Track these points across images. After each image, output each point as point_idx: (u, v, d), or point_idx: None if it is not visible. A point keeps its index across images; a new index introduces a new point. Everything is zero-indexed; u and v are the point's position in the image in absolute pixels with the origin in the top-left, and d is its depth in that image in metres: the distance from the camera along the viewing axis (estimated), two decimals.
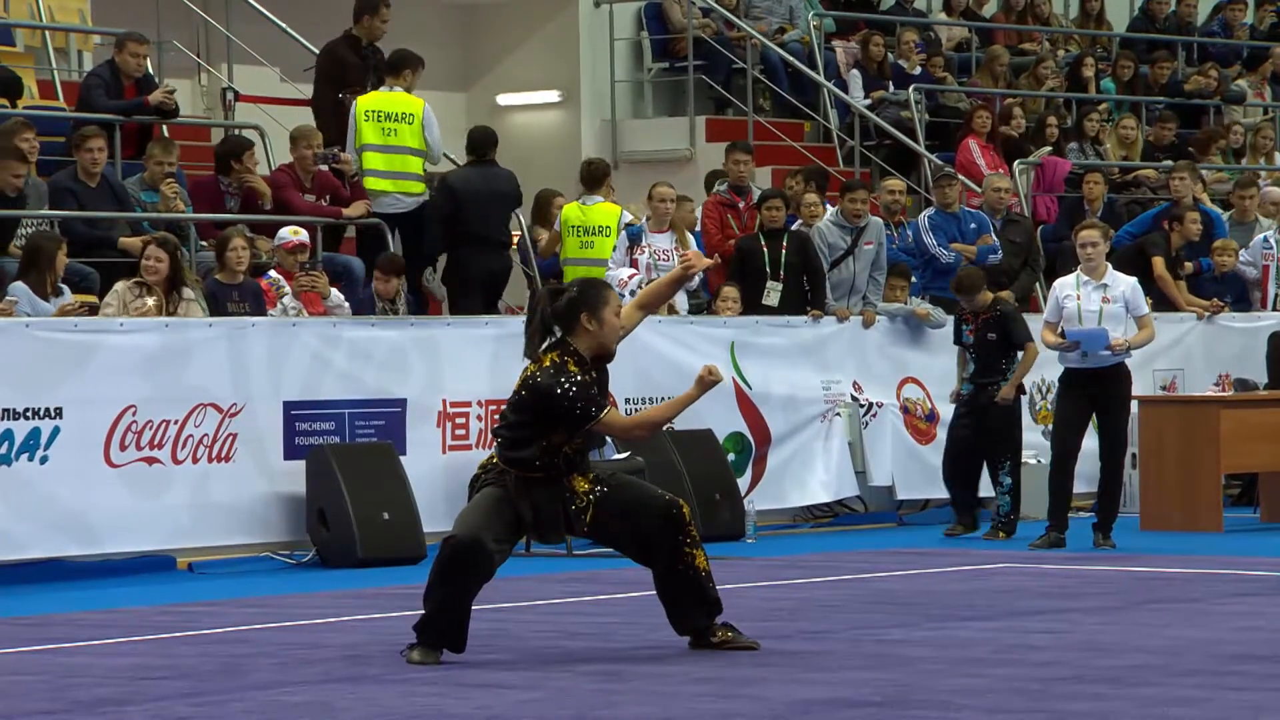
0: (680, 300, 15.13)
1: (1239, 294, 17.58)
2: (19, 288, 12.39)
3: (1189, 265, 17.30)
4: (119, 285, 12.62)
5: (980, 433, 13.90)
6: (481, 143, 14.78)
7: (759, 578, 11.51)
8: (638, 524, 8.27)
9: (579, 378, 8.17)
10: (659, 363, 14.38)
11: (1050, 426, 14.42)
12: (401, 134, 14.53)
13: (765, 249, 15.11)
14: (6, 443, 11.71)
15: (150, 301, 12.43)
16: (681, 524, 8.27)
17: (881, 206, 16.35)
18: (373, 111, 14.60)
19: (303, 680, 7.86)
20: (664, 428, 8.41)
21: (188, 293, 12.64)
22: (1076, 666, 8.03)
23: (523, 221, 15.39)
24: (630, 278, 14.81)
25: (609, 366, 8.45)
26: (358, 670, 8.09)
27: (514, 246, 15.33)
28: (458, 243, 14.67)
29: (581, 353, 8.24)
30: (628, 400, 14.21)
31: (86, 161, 13.40)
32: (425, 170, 14.73)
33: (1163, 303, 16.66)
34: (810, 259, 15.19)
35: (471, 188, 14.64)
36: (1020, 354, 13.83)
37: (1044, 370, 15.49)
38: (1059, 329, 13.19)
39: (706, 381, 8.30)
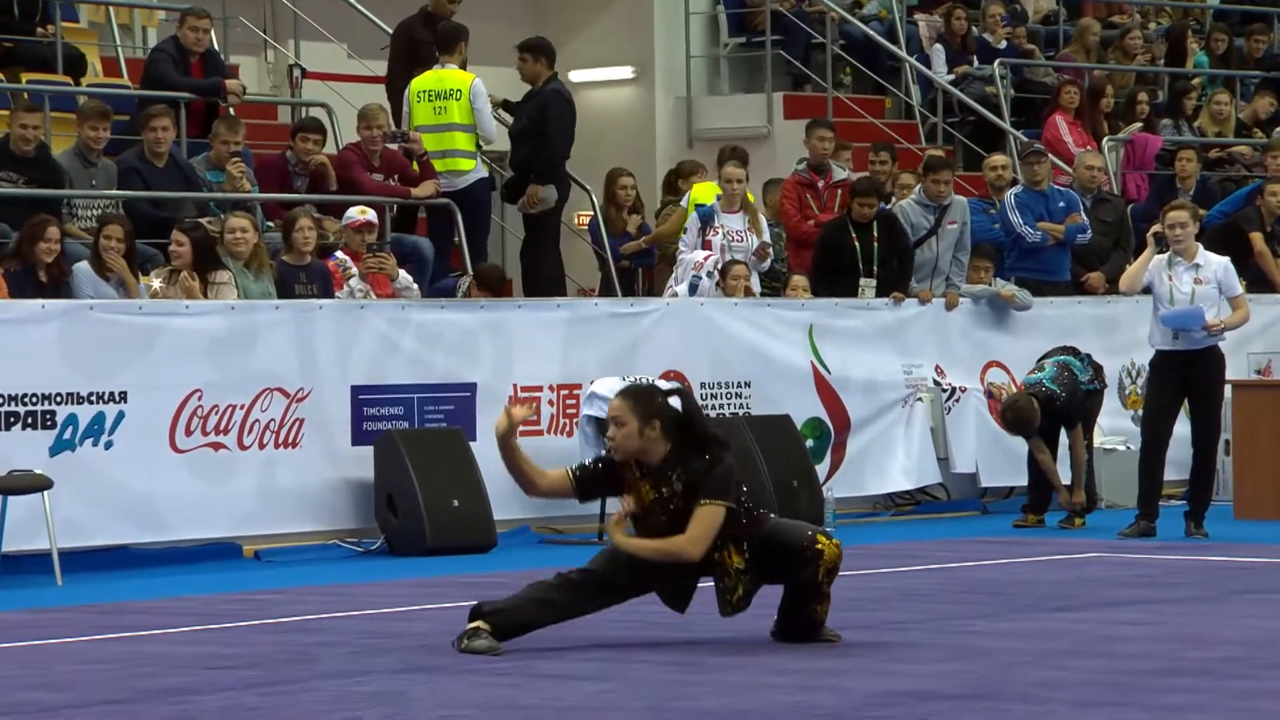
0: (755, 282, 15.14)
1: None
2: (82, 269, 12.54)
3: None
4: (153, 273, 12.72)
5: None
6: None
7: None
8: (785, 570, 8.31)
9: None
10: (734, 346, 14.42)
11: (1140, 411, 14.39)
12: (450, 111, 14.62)
13: (856, 243, 15.07)
14: (71, 428, 11.86)
15: (156, 284, 12.50)
16: (815, 572, 8.23)
17: (987, 183, 16.34)
18: (424, 92, 14.70)
19: (373, 670, 7.94)
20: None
21: (222, 275, 12.73)
22: (1166, 659, 8.03)
23: (595, 200, 15.45)
24: (705, 259, 14.85)
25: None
26: (428, 660, 8.17)
27: (584, 226, 15.40)
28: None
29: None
30: (702, 385, 14.26)
31: (152, 141, 13.54)
32: (479, 147, 14.77)
33: (1257, 283, 16.57)
34: (898, 239, 15.16)
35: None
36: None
37: (1134, 354, 15.46)
38: (1152, 313, 13.13)
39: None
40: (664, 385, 8.56)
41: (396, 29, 15.46)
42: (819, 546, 8.33)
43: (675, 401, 8.19)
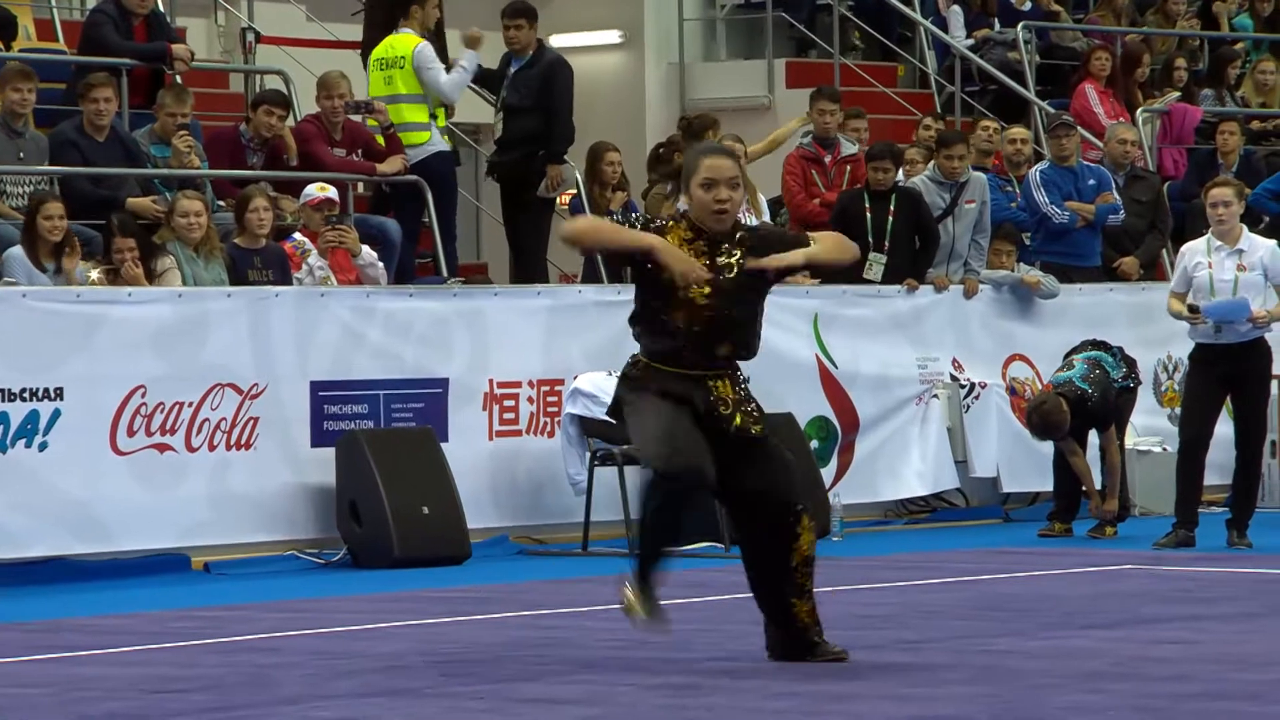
0: None
1: None
2: (14, 253, 12.52)
3: None
4: (90, 265, 12.68)
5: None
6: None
7: (847, 580, 11.54)
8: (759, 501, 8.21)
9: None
10: None
11: (1178, 410, 14.42)
12: (395, 80, 14.63)
13: (869, 214, 15.09)
14: (1, 427, 11.86)
15: (94, 275, 12.49)
16: (789, 553, 8.20)
17: (1004, 158, 16.33)
18: (378, 60, 14.71)
19: (336, 694, 7.94)
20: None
21: (164, 261, 12.72)
22: (1209, 681, 8.05)
23: (579, 177, 15.46)
24: None
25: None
26: (397, 682, 8.17)
27: (565, 204, 15.40)
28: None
29: (694, 223, 8.11)
30: None
31: (93, 113, 13.53)
32: (435, 114, 14.72)
33: None
34: (924, 219, 15.16)
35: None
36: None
37: (1171, 346, 15.49)
38: (1189, 302, 13.15)
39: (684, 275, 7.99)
40: None
41: None
42: (800, 530, 8.26)
43: None
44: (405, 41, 14.65)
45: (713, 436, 8.21)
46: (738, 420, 8.28)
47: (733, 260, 8.14)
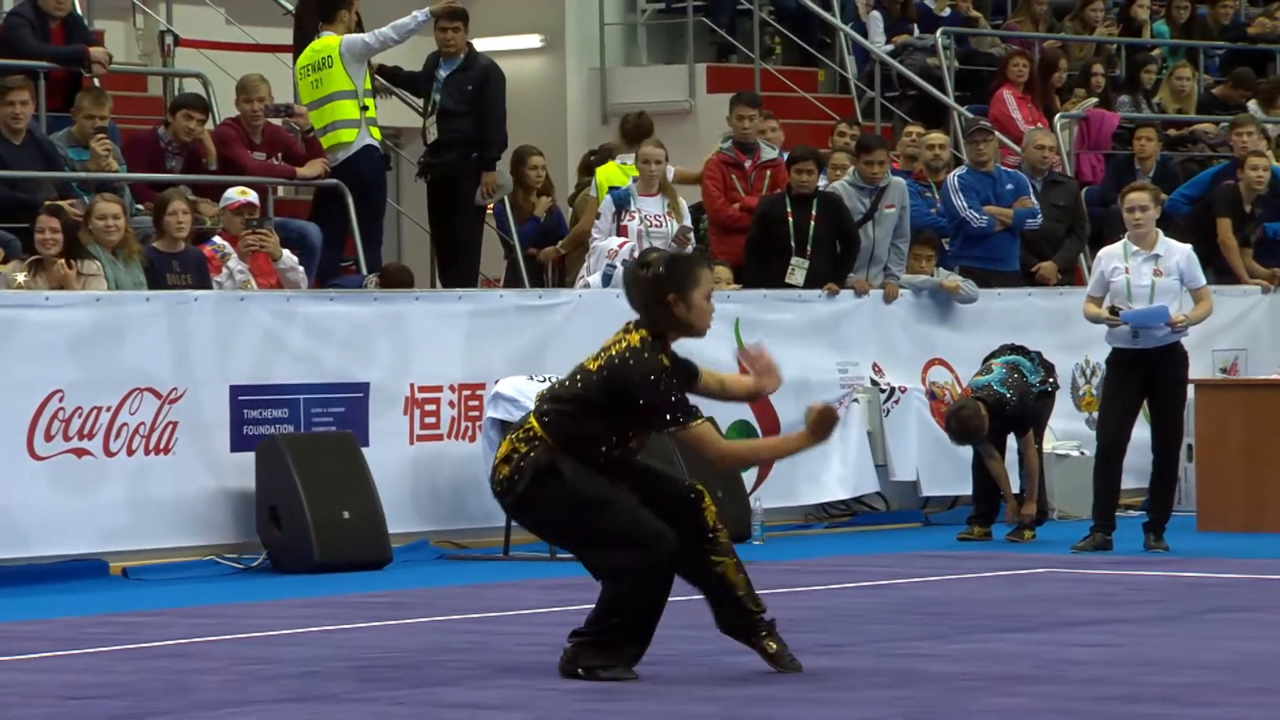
0: None
1: None
2: None
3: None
4: (10, 265, 12.59)
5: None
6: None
7: (768, 584, 11.46)
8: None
9: (672, 375, 8.07)
10: None
11: (1096, 414, 14.46)
12: (324, 82, 14.54)
13: (791, 218, 15.08)
14: None
15: (21, 278, 12.40)
16: (702, 517, 8.18)
17: (923, 163, 16.36)
18: (304, 67, 14.62)
19: (256, 699, 7.88)
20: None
21: (89, 265, 12.62)
22: (1127, 684, 8.06)
23: (502, 176, 15.39)
24: (621, 246, 14.83)
25: None
26: (317, 688, 8.12)
27: (489, 209, 15.35)
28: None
29: (669, 343, 8.16)
30: None
31: (9, 116, 13.41)
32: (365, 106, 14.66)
33: (1223, 274, 16.68)
34: (845, 224, 15.17)
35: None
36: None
37: (1089, 351, 15.54)
38: (1106, 305, 13.20)
39: (823, 422, 8.04)
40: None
41: (299, 5, 15.34)
42: (705, 504, 8.21)
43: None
44: (329, 42, 14.59)
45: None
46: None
47: None
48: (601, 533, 8.07)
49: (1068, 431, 15.61)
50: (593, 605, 10.76)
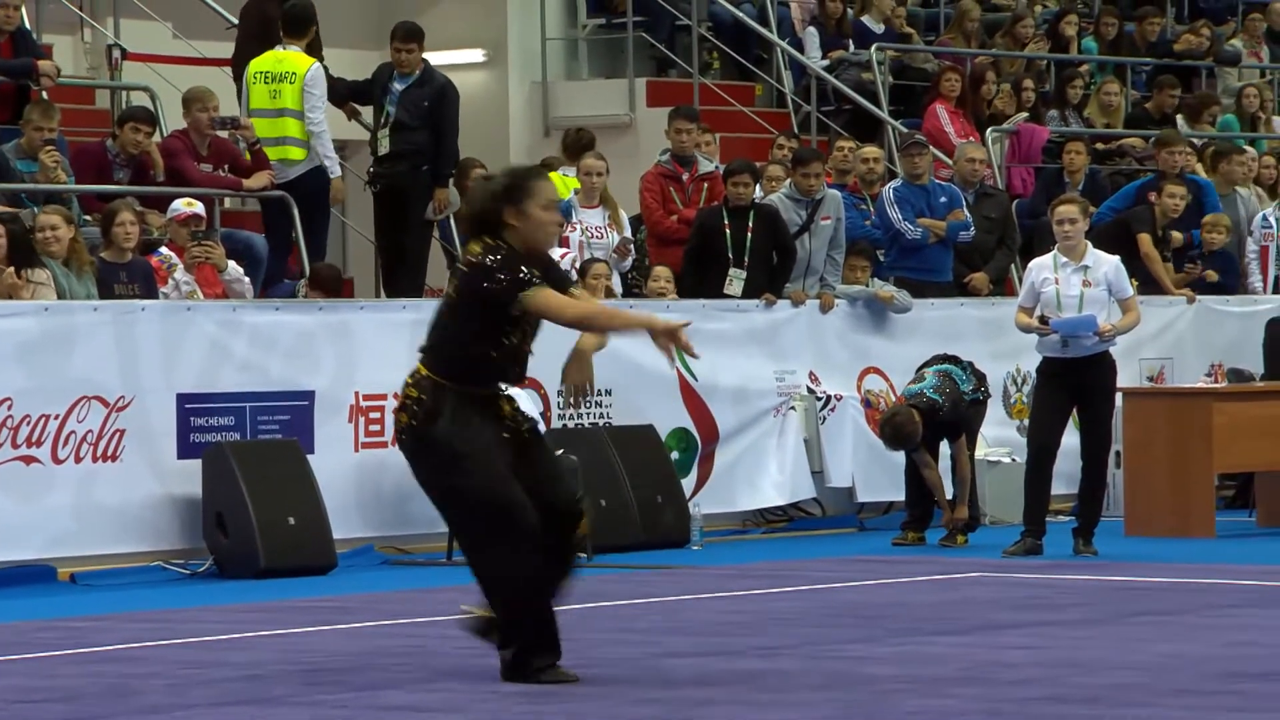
0: (616, 282, 15.13)
1: (1230, 274, 17.66)
2: None
3: (1178, 236, 17.35)
4: None
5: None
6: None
7: (706, 588, 11.54)
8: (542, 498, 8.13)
9: (509, 257, 7.97)
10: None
11: (1027, 421, 14.50)
12: (284, 95, 14.51)
13: (728, 229, 15.09)
14: None
15: None
16: (573, 540, 8.15)
17: (857, 176, 16.39)
18: (261, 73, 14.58)
19: (199, 703, 7.84)
20: (603, 342, 8.19)
21: (39, 274, 12.55)
22: (1054, 685, 8.08)
23: (453, 193, 15.38)
24: (563, 256, 14.81)
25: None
26: (260, 691, 8.08)
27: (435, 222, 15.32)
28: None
29: (515, 247, 8.06)
30: (560, 394, 14.20)
31: None
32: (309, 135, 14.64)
33: (1149, 284, 16.75)
34: (781, 236, 15.17)
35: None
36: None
37: (1020, 359, 15.58)
38: (1036, 315, 13.24)
39: (668, 339, 8.13)
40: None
41: (245, 7, 15.31)
42: (583, 513, 8.21)
43: None
44: (298, 60, 14.54)
45: (509, 442, 8.16)
46: (521, 413, 8.28)
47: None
48: (464, 497, 8.04)
49: (999, 438, 15.65)
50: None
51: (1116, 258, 13.54)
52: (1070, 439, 13.51)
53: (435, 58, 18.66)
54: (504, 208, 8.07)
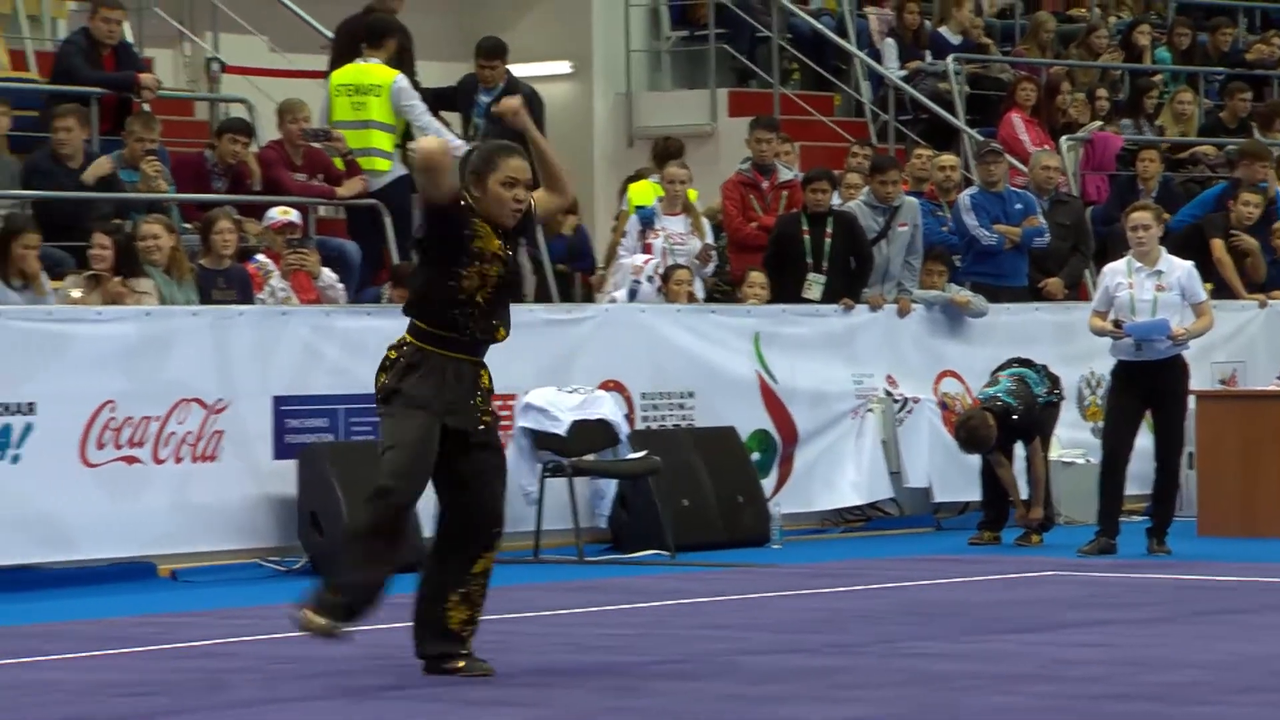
0: (698, 287, 15.10)
1: None
2: None
3: (1250, 241, 17.17)
4: (66, 280, 12.61)
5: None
6: None
7: (784, 586, 11.50)
8: (473, 498, 8.10)
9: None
10: (677, 356, 14.36)
11: (1100, 424, 14.40)
12: (369, 107, 14.53)
13: (807, 236, 15.05)
14: None
15: (76, 294, 12.41)
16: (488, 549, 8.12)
17: (934, 184, 16.33)
18: (344, 85, 14.61)
19: (290, 697, 7.86)
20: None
21: (142, 283, 12.62)
22: (1125, 683, 8.01)
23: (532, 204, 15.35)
24: (645, 263, 14.81)
25: None
26: (349, 685, 8.08)
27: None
28: None
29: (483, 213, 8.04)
30: (644, 396, 14.21)
31: (56, 142, 13.42)
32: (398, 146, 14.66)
33: (1222, 288, 16.61)
34: (859, 242, 15.13)
35: None
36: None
37: (1094, 363, 15.47)
38: (1110, 319, 13.15)
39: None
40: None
41: (339, 27, 15.36)
42: (493, 546, 8.15)
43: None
44: (380, 72, 14.56)
45: (456, 437, 8.08)
46: (486, 421, 8.15)
47: (516, 253, 8.14)
48: (391, 438, 8.10)
49: (1073, 440, 15.54)
50: (621, 607, 10.75)
51: (1190, 263, 13.44)
52: (1144, 441, 13.41)
53: (523, 69, 18.72)
54: (470, 179, 8.09)
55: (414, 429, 8.03)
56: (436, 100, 15.36)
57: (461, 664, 8.09)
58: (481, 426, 8.13)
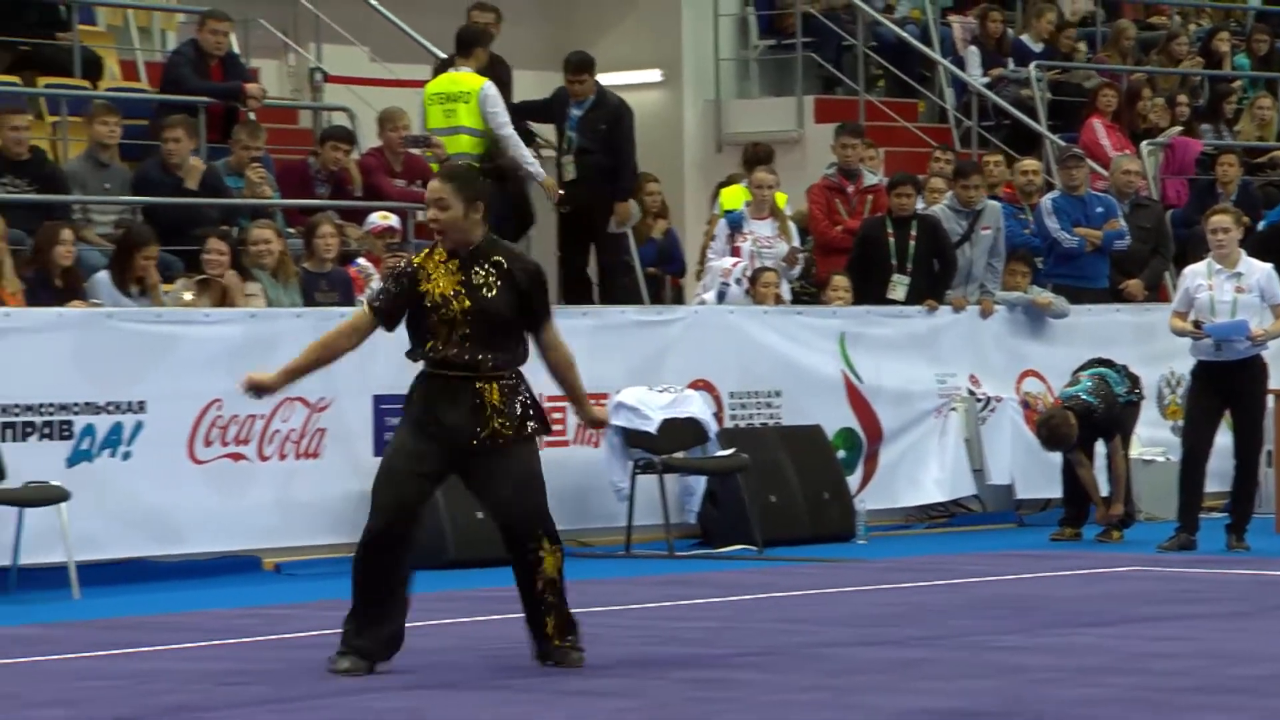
0: (785, 289, 15.09)
1: None
2: (101, 279, 12.53)
3: None
4: (178, 283, 12.73)
5: None
6: None
7: (870, 581, 11.47)
8: (502, 510, 8.10)
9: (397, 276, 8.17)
10: (764, 356, 14.35)
11: (1180, 422, 14.31)
12: (458, 114, 14.55)
13: (891, 238, 15.03)
14: (89, 438, 11.84)
15: (187, 297, 12.52)
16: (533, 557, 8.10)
17: (1017, 187, 16.28)
18: (436, 94, 14.63)
19: (390, 686, 7.89)
20: None
21: (251, 287, 12.72)
22: (1204, 676, 7.95)
23: (633, 206, 15.39)
24: (734, 265, 14.81)
25: None
26: (447, 676, 8.12)
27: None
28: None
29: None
30: (732, 395, 14.21)
31: (165, 151, 13.54)
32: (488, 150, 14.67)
33: None
34: (942, 245, 15.10)
35: None
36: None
37: (1174, 363, 15.37)
38: (1190, 320, 13.07)
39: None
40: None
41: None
42: (541, 554, 8.13)
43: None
44: (470, 79, 14.59)
45: (457, 452, 8.07)
46: (493, 425, 8.09)
47: (490, 280, 8.04)
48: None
49: (1153, 439, 15.44)
50: (709, 600, 10.75)
51: (1269, 265, 13.35)
52: (1223, 439, 13.31)
53: (613, 78, 18.77)
54: None
55: (386, 457, 8.19)
56: (529, 113, 15.36)
57: (557, 655, 8.10)
58: (484, 433, 8.04)
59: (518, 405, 8.16)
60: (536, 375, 8.34)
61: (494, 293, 8.05)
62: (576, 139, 14.80)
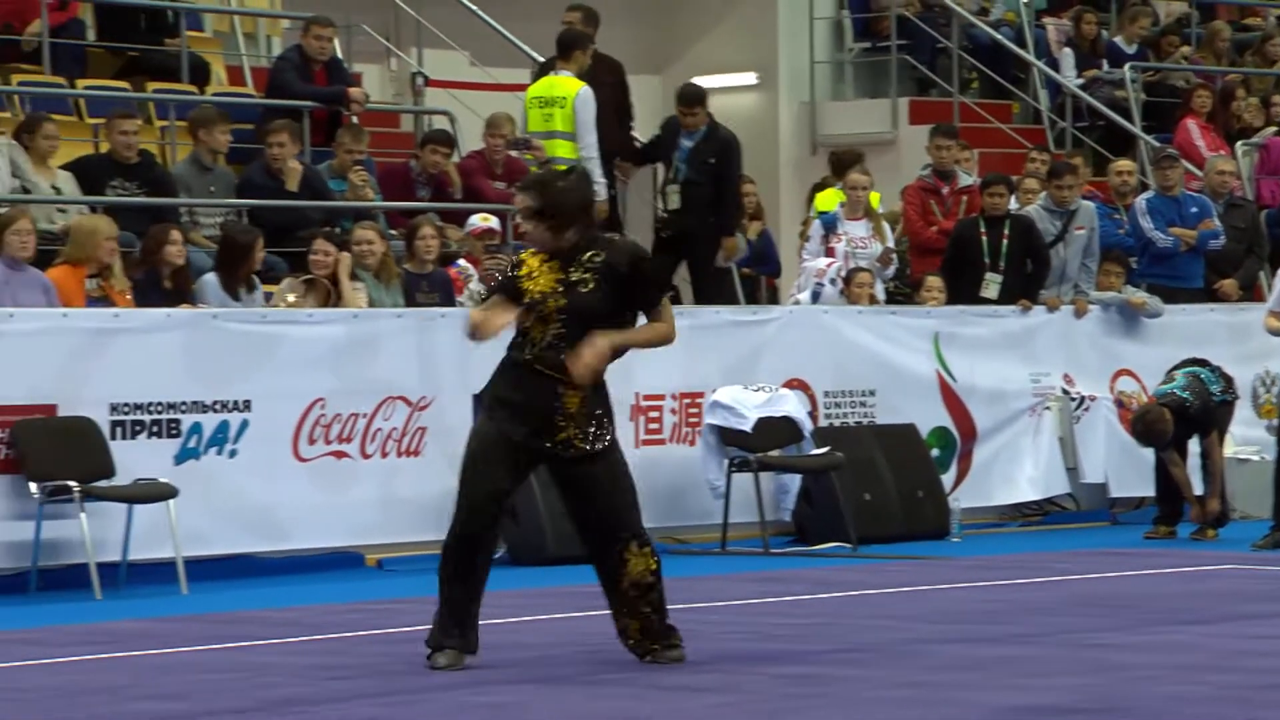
0: (879, 290, 15.05)
1: None
2: (209, 281, 12.64)
3: None
4: (284, 283, 12.82)
5: None
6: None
7: (964, 578, 11.42)
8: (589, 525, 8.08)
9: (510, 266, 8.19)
10: (858, 355, 14.31)
11: (1275, 421, 14.16)
12: (555, 118, 14.57)
13: (985, 237, 14.97)
14: (195, 436, 11.95)
15: (291, 298, 12.61)
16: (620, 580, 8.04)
17: (1111, 189, 16.19)
18: (535, 98, 14.66)
19: (492, 681, 7.92)
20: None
21: (356, 285, 12.80)
22: None
23: (739, 241, 15.36)
24: (829, 266, 14.78)
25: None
26: (548, 670, 8.14)
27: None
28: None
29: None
30: (826, 394, 14.18)
31: (269, 156, 13.65)
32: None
33: None
34: (1036, 245, 15.03)
35: None
36: None
37: (1269, 362, 15.23)
38: None
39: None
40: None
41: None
42: (627, 557, 8.08)
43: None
44: (567, 84, 14.62)
45: (538, 455, 8.08)
46: (565, 434, 8.06)
47: (586, 276, 8.02)
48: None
49: (1248, 438, 15.30)
50: (805, 598, 10.73)
51: None
52: None
53: (711, 80, 18.77)
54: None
55: (468, 453, 8.20)
56: (645, 156, 15.29)
57: (654, 652, 8.11)
58: (560, 438, 8.04)
59: (592, 422, 8.11)
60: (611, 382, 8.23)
61: (590, 288, 8.02)
62: (685, 170, 14.76)
